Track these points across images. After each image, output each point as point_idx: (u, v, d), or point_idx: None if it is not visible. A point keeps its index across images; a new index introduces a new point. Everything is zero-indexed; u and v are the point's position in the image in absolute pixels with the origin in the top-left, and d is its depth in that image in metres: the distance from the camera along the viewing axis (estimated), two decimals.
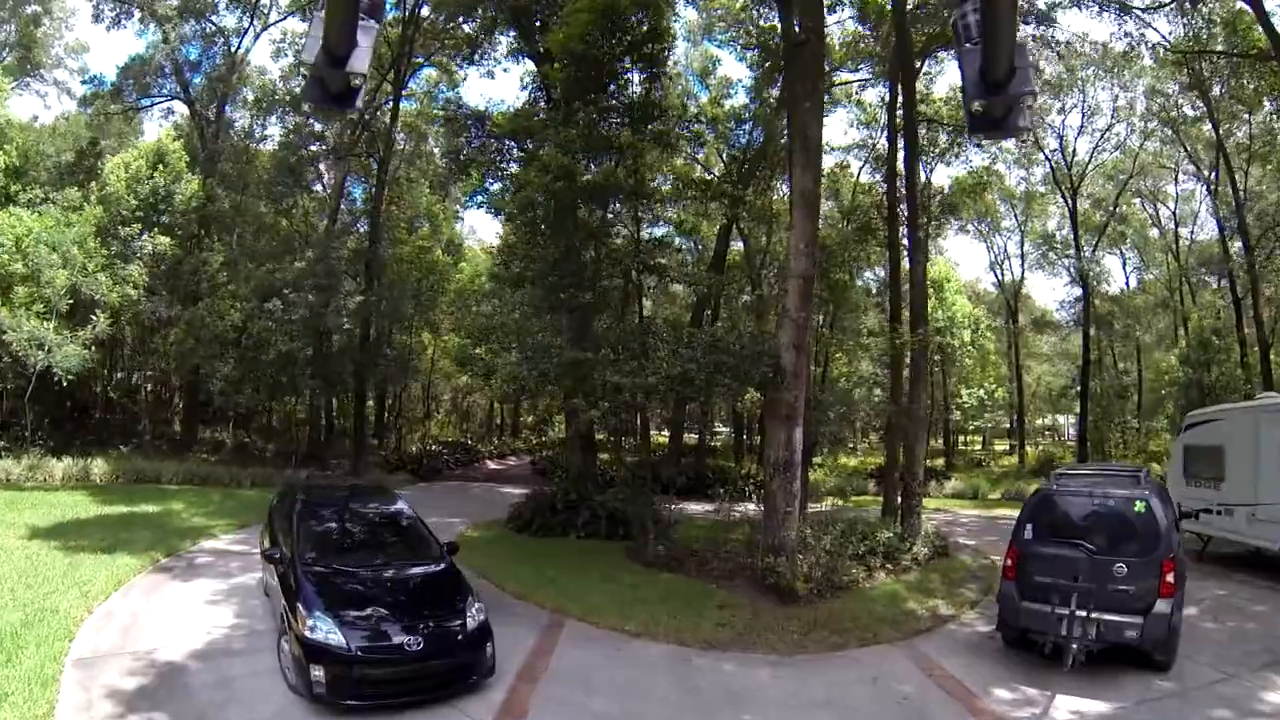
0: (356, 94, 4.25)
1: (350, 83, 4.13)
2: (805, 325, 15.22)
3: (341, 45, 3.96)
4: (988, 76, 4.05)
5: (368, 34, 4.07)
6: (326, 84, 4.17)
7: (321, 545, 10.32)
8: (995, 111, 4.18)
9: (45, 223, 24.83)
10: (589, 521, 19.35)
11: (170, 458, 27.65)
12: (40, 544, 15.36)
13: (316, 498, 11.99)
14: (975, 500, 32.61)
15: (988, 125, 4.28)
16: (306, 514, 10.90)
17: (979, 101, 4.13)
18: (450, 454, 37.79)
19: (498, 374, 17.33)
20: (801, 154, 15.28)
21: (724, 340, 15.93)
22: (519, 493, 24.28)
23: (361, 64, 4.10)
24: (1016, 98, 4.11)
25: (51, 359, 23.28)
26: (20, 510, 18.82)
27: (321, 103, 4.40)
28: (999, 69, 3.99)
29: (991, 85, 4.07)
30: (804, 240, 15.01)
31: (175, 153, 29.29)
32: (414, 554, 10.78)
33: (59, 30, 38.98)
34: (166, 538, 16.70)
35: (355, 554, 10.35)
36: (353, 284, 32.47)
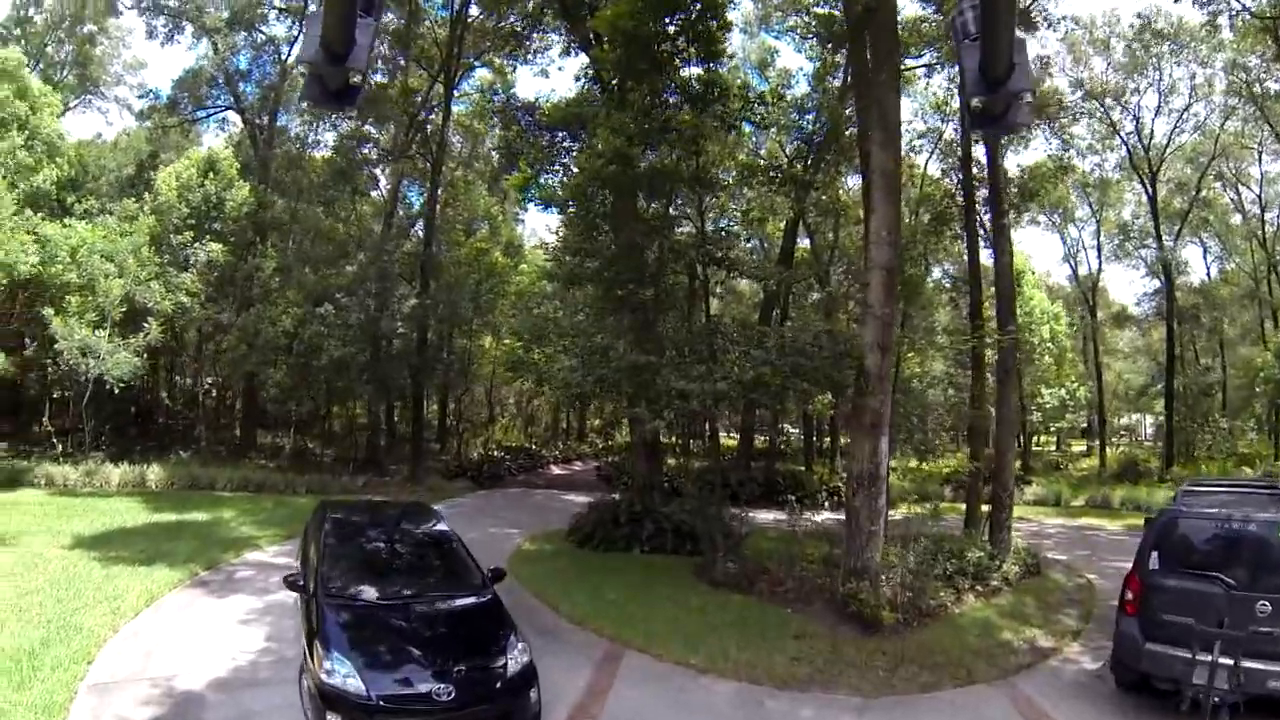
0: (356, 92, 4.15)
1: (349, 80, 4.04)
2: (890, 322, 13.70)
3: (340, 43, 3.89)
4: (987, 73, 4.02)
5: (366, 32, 3.98)
6: (325, 82, 4.09)
7: (347, 573, 9.23)
8: (995, 108, 4.16)
9: (97, 233, 25.00)
10: (654, 535, 17.99)
11: (227, 464, 27.50)
12: (81, 554, 15.06)
13: (346, 517, 10.89)
14: (1057, 508, 30.39)
15: (987, 121, 4.29)
16: (333, 536, 9.84)
17: (978, 98, 4.12)
18: (513, 459, 36.85)
19: (551, 380, 16.18)
20: (879, 130, 13.73)
21: (801, 340, 14.45)
22: (582, 500, 23.32)
23: (360, 62, 4.01)
24: (1016, 94, 4.08)
25: (102, 367, 23.34)
26: (70, 518, 18.70)
27: (321, 101, 4.26)
28: (998, 66, 3.96)
29: (991, 82, 4.04)
30: (886, 227, 13.45)
31: (226, 160, 29.51)
32: (452, 583, 9.60)
33: (116, 49, 40.07)
34: (209, 549, 16.15)
35: (385, 583, 9.19)
36: (408, 287, 32.06)
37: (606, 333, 16.99)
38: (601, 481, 32.90)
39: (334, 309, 28.07)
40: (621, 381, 15.06)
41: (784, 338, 15.01)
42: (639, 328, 17.79)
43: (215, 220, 28.50)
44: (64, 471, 23.68)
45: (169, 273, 26.26)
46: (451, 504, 25.24)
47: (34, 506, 20.03)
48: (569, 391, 16.14)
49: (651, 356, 14.75)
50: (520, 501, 27.30)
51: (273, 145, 34.72)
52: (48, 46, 37.20)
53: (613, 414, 40.89)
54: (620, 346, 15.54)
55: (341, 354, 26.56)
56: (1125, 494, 31.06)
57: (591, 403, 36.96)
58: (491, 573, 9.88)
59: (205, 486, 24.79)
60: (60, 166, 25.28)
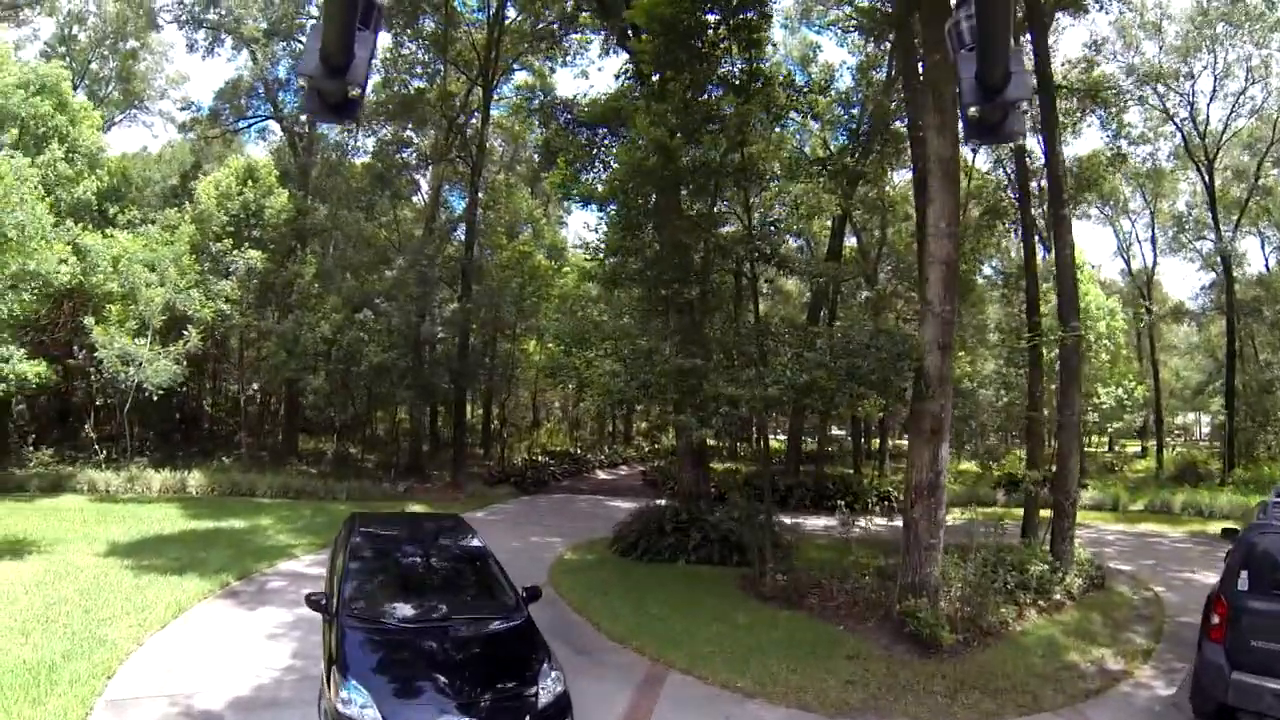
0: (355, 105, 4.17)
1: (349, 93, 4.05)
2: (951, 321, 12.73)
3: (339, 56, 3.89)
4: (984, 82, 4.05)
5: (365, 45, 3.98)
6: (324, 95, 4.10)
7: (371, 594, 8.63)
8: (992, 117, 4.20)
9: (138, 243, 25.30)
10: (700, 545, 17.27)
11: (269, 469, 27.44)
12: (114, 562, 14.97)
13: (374, 531, 10.24)
14: (1115, 513, 29.06)
15: (984, 130, 4.32)
16: (359, 552, 9.24)
17: (975, 107, 4.14)
18: (557, 464, 36.39)
19: (593, 385, 15.29)
20: (934, 114, 12.84)
21: (855, 341, 13.62)
22: (627, 506, 22.68)
23: (359, 75, 4.02)
24: (1012, 103, 4.11)
25: (141, 374, 23.51)
26: (107, 524, 18.72)
27: (320, 113, 4.26)
28: (994, 75, 4.00)
29: (988, 91, 4.07)
30: (944, 218, 12.56)
31: (264, 168, 29.66)
32: (483, 604, 8.96)
33: (159, 64, 40.73)
34: (243, 558, 15.90)
35: (412, 605, 8.56)
36: (449, 292, 31.61)
37: (651, 335, 16.09)
38: (647, 487, 32.33)
39: (374, 315, 27.85)
40: (667, 387, 14.24)
41: (836, 338, 14.25)
42: (684, 330, 17.10)
43: (255, 228, 28.59)
44: (106, 477, 23.92)
45: (209, 280, 26.36)
46: (493, 510, 25.06)
47: (74, 512, 20.09)
48: (610, 398, 15.07)
49: (698, 360, 13.99)
50: (564, 508, 26.75)
51: (312, 153, 34.90)
52: (92, 63, 37.86)
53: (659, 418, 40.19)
54: (665, 349, 14.80)
55: (381, 360, 26.30)
56: (1186, 498, 29.72)
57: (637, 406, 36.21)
58: (526, 592, 9.16)
59: (245, 493, 24.79)
60: (100, 178, 25.45)
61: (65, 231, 23.05)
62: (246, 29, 32.75)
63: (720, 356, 14.90)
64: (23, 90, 23.28)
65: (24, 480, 23.42)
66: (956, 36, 4.15)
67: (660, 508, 18.83)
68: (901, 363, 12.66)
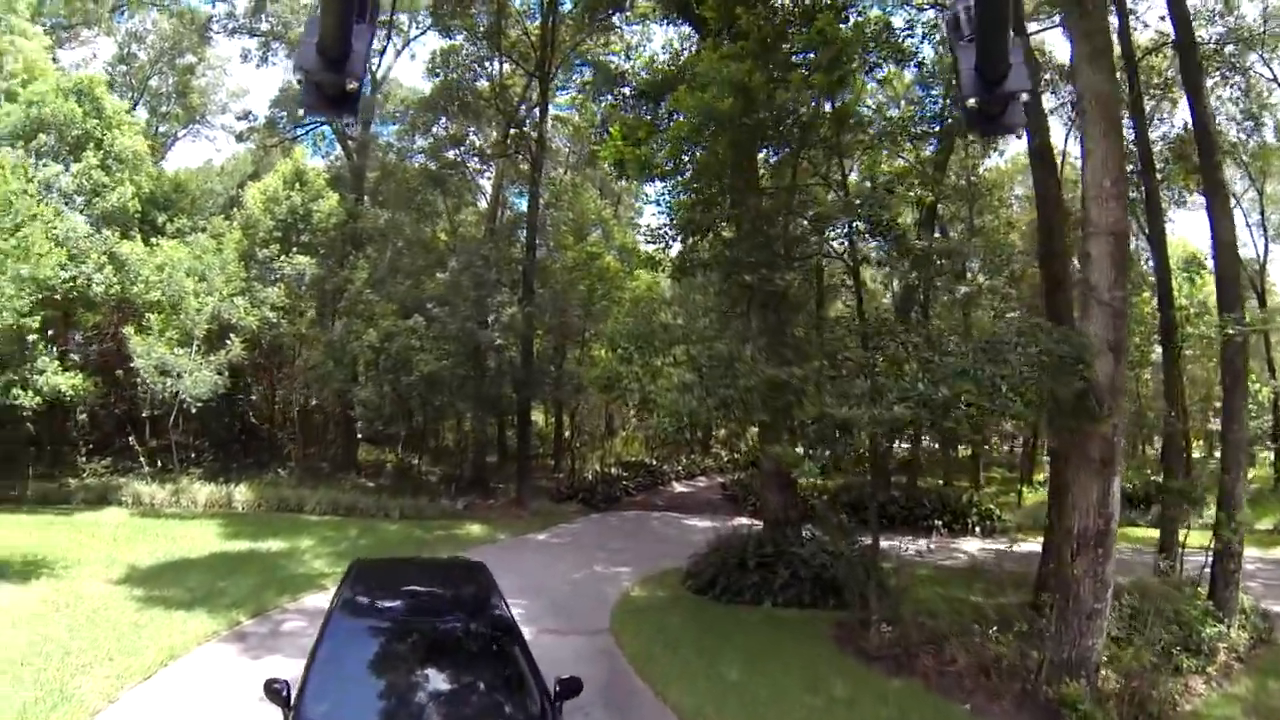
0: (354, 99, 3.97)
1: (347, 87, 3.87)
2: (1123, 312, 9.95)
3: (336, 49, 3.75)
4: (984, 73, 3.89)
5: (361, 38, 3.80)
6: (323, 89, 3.91)
7: (344, 692, 6.37)
8: (992, 109, 4.02)
9: (181, 251, 24.64)
10: (788, 584, 14.58)
11: (323, 483, 26.08)
12: (123, 591, 13.58)
13: (368, 592, 7.82)
14: None
15: (984, 122, 4.12)
16: (341, 624, 7.02)
17: (975, 99, 3.95)
18: (630, 477, 34.04)
19: (659, 403, 12.24)
20: (1084, 43, 10.08)
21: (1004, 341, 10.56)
22: (704, 526, 20.64)
23: (357, 68, 3.83)
24: (1013, 94, 3.95)
25: (180, 385, 22.56)
26: (137, 543, 17.55)
27: (319, 108, 4.10)
28: (995, 67, 3.85)
29: (988, 82, 3.90)
30: (1108, 173, 9.75)
31: (313, 171, 28.86)
32: (498, 709, 6.58)
33: (219, 78, 40.91)
34: (265, 589, 14.22)
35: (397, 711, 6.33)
36: (508, 295, 29.81)
37: (731, 338, 13.28)
38: (727, 502, 29.94)
39: (425, 320, 26.19)
40: (754, 405, 11.51)
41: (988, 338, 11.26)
42: (770, 330, 14.47)
43: (303, 232, 27.61)
44: (152, 491, 22.93)
45: (254, 287, 25.41)
46: (557, 531, 23.12)
47: (109, 529, 19.00)
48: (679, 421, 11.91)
49: (794, 368, 11.28)
50: (635, 528, 24.47)
51: (366, 155, 34.04)
52: (151, 79, 38.19)
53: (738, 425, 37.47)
54: (748, 354, 12.12)
55: (434, 369, 24.49)
56: None
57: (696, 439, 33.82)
58: (559, 688, 6.64)
59: (293, 509, 23.37)
60: (138, 184, 24.66)
61: (101, 240, 22.44)
62: (293, 34, 31.81)
63: (823, 364, 11.90)
64: (59, 97, 22.64)
65: (73, 492, 22.63)
66: (955, 27, 4.01)
67: (742, 536, 16.18)
68: (1064, 370, 9.65)
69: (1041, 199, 16.00)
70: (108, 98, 24.53)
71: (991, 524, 23.89)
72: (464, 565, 9.90)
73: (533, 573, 16.74)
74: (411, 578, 8.77)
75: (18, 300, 15.11)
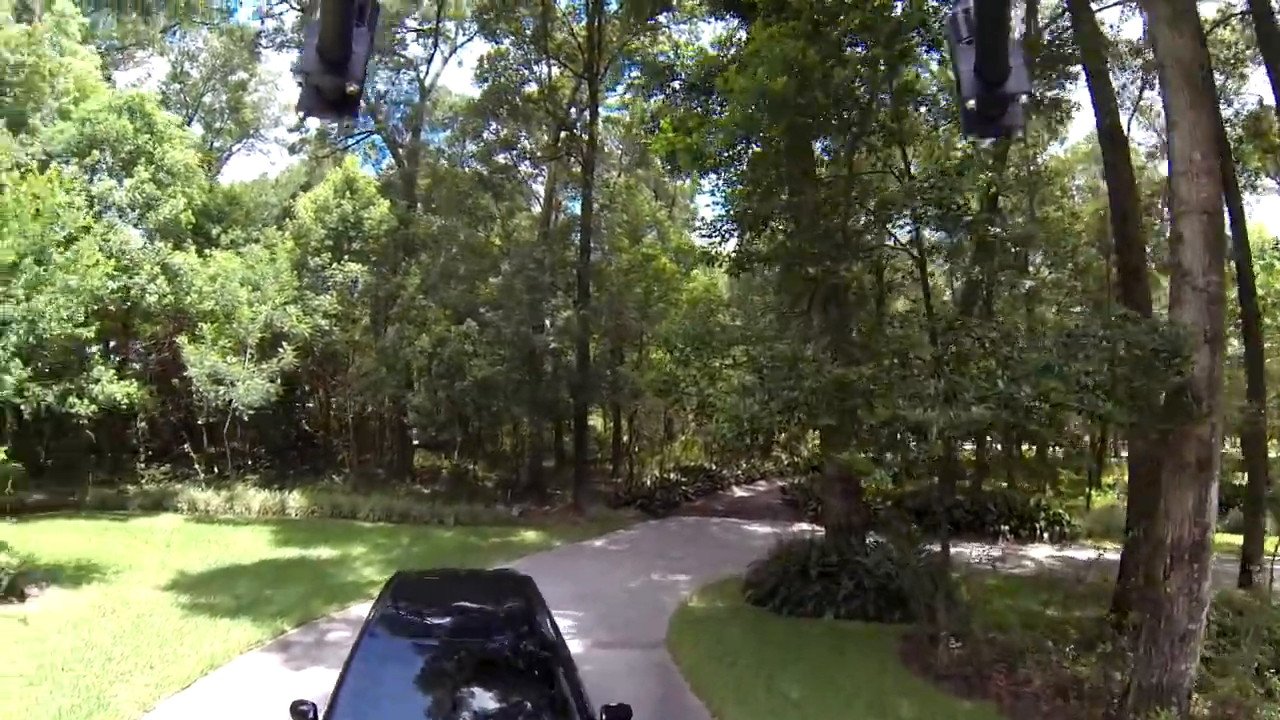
0: (354, 102, 3.99)
1: (347, 90, 3.86)
2: (1220, 298, 8.95)
3: (336, 52, 3.78)
4: (983, 75, 3.84)
5: (361, 41, 3.81)
6: (322, 92, 3.90)
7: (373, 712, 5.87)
8: (991, 110, 3.94)
9: (234, 262, 24.96)
10: (852, 595, 13.76)
11: (376, 490, 25.97)
12: (170, 597, 13.55)
13: (406, 607, 7.29)
14: None
15: (983, 123, 4.03)
16: (373, 645, 6.52)
17: (974, 100, 3.90)
18: (690, 482, 33.41)
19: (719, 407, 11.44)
20: (1163, 4, 9.20)
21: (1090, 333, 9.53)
22: (765, 531, 20.16)
23: (356, 71, 3.82)
24: (1013, 96, 3.90)
25: (233, 393, 22.74)
26: (187, 549, 17.62)
27: (318, 110, 4.00)
28: (994, 68, 3.81)
29: (987, 84, 3.85)
30: (1199, 147, 8.77)
31: (363, 179, 28.87)
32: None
33: (270, 93, 41.71)
34: (313, 597, 14.03)
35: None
36: (563, 298, 29.53)
37: (792, 338, 12.50)
38: (787, 507, 29.14)
39: (478, 325, 25.99)
40: (818, 407, 10.75)
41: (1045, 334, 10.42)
42: (833, 327, 13.71)
43: (354, 240, 27.62)
44: (207, 497, 23.17)
45: (306, 296, 25.51)
46: (615, 538, 22.60)
47: (163, 534, 19.13)
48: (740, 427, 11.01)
49: (862, 368, 10.51)
50: (695, 534, 23.86)
51: (417, 162, 34.15)
52: (205, 96, 39.18)
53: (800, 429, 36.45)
54: (810, 354, 11.25)
55: (488, 374, 24.23)
56: None
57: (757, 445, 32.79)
58: (606, 716, 6.03)
59: (347, 515, 23.28)
60: (190, 195, 25.00)
61: (154, 252, 22.84)
62: None
63: (892, 362, 11.17)
64: (111, 114, 23.01)
65: (130, 498, 22.93)
66: (954, 30, 3.95)
67: (805, 544, 15.38)
68: (1159, 364, 8.66)
69: (1114, 183, 14.87)
70: (158, 113, 24.92)
71: (1061, 529, 22.71)
72: (510, 579, 9.33)
73: (588, 581, 16.29)
74: (453, 593, 8.27)
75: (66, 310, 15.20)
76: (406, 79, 34.61)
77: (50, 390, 19.41)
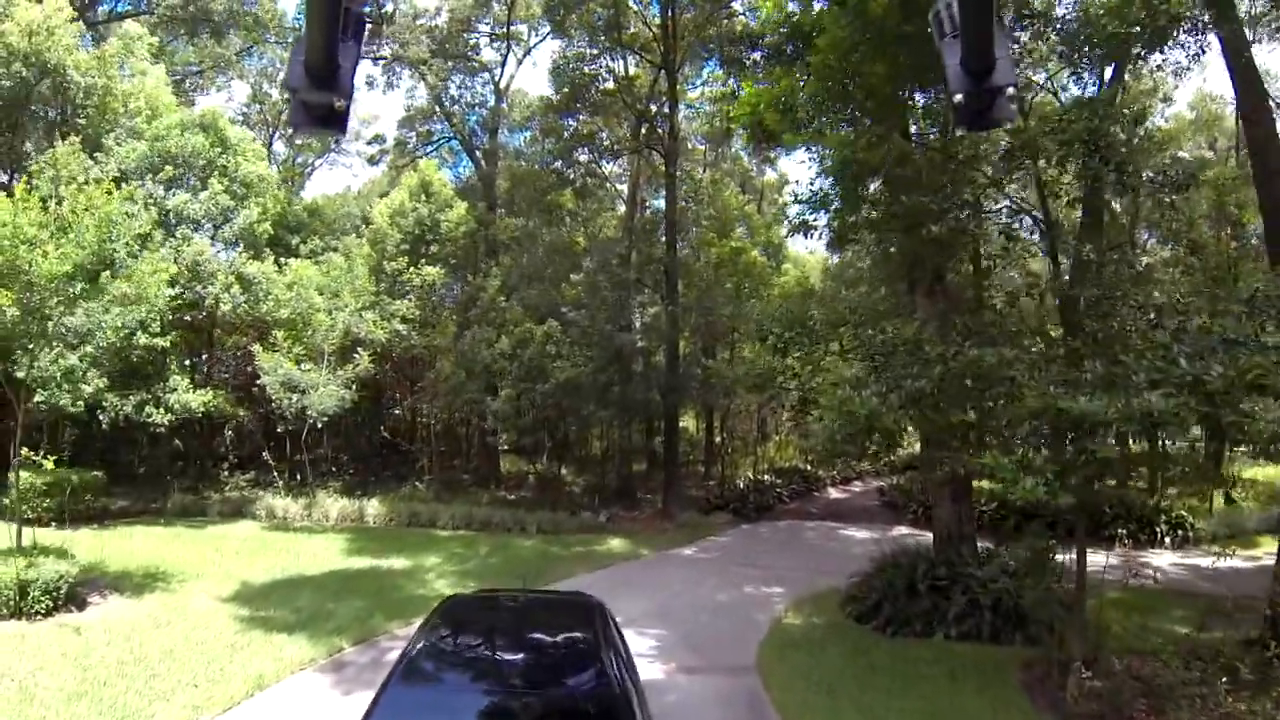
0: (343, 118, 3.84)
1: (335, 105, 3.75)
2: None
3: (323, 67, 3.68)
4: (969, 68, 3.73)
5: (348, 56, 3.72)
6: (310, 108, 3.81)
7: None
8: (978, 104, 3.82)
9: (309, 270, 25.06)
10: (965, 613, 12.02)
11: (459, 497, 25.38)
12: (230, 609, 12.98)
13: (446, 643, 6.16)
14: None
15: (971, 117, 3.91)
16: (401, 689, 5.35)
17: (961, 94, 3.79)
18: (784, 484, 31.79)
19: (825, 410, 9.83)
20: None
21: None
22: (862, 537, 18.77)
23: (344, 86, 3.74)
24: (999, 89, 3.78)
25: (307, 400, 22.42)
26: (258, 557, 17.24)
27: (306, 126, 3.83)
28: (979, 61, 3.70)
29: (973, 77, 3.74)
30: None
31: (439, 181, 28.60)
32: None
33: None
34: (376, 612, 13.15)
35: None
36: (650, 295, 28.33)
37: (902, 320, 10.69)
38: (885, 509, 27.40)
39: (560, 325, 25.13)
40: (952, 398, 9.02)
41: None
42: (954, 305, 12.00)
43: (432, 243, 27.15)
44: (285, 504, 22.91)
45: (383, 301, 25.21)
46: (704, 545, 21.25)
47: (236, 541, 18.93)
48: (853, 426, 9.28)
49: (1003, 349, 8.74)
50: (789, 540, 22.30)
51: (495, 164, 33.79)
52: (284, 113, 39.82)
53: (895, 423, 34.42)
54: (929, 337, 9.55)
55: (571, 375, 23.25)
56: None
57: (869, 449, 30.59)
58: None
59: (426, 523, 22.61)
60: (265, 206, 25.09)
61: (228, 262, 22.99)
62: (411, 52, 32.07)
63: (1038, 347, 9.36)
64: (182, 131, 23.30)
65: (210, 505, 22.90)
66: (939, 23, 3.82)
67: (910, 554, 13.58)
68: None
69: (1254, 139, 13.02)
70: (230, 128, 25.12)
71: (1184, 534, 20.43)
72: (578, 606, 7.85)
73: (675, 594, 15.09)
74: (508, 623, 7.08)
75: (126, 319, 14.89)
76: (480, 82, 34.48)
77: (128, 400, 19.74)
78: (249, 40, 36.77)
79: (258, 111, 38.50)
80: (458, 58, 32.75)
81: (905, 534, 22.62)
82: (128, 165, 22.12)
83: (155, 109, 23.52)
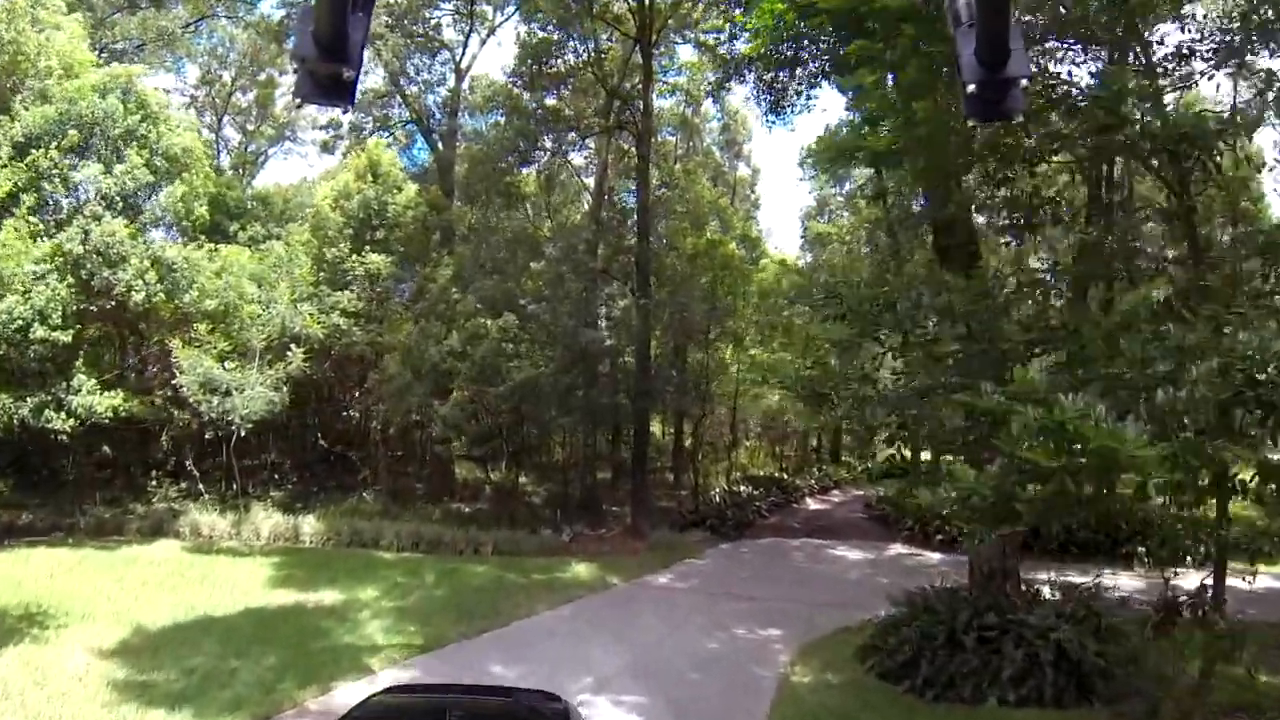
0: (351, 89, 3.72)
1: (343, 76, 3.63)
2: None
3: (332, 38, 3.52)
4: (983, 59, 3.61)
5: (358, 27, 3.59)
6: (317, 79, 3.69)
7: None
8: (991, 94, 3.73)
9: (241, 255, 23.00)
10: (1024, 673, 9.82)
11: (408, 511, 23.12)
12: (106, 668, 10.56)
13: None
14: None
15: (984, 107, 3.82)
16: None
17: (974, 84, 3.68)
18: (761, 494, 29.74)
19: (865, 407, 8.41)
20: None
21: None
22: (856, 558, 17.61)
23: (353, 58, 3.60)
24: (1013, 80, 3.71)
25: (229, 403, 19.94)
26: (161, 591, 14.71)
27: (314, 97, 3.82)
28: (994, 52, 3.58)
29: (987, 68, 3.62)
30: None
31: (388, 160, 26.34)
32: None
33: None
34: (285, 673, 10.78)
35: None
36: (618, 287, 26.14)
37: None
38: (874, 524, 25.77)
39: (519, 320, 22.94)
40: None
41: None
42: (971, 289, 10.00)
43: (378, 228, 24.75)
44: (212, 521, 20.47)
45: (323, 291, 22.87)
46: (682, 570, 19.19)
47: (147, 568, 16.49)
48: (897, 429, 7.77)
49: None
50: (775, 562, 20.37)
51: (452, 148, 31.48)
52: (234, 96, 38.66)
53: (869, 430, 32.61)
54: None
55: (529, 376, 21.09)
56: None
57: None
58: None
59: (369, 543, 20.21)
60: (191, 184, 22.40)
61: (144, 245, 20.18)
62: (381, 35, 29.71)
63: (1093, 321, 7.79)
64: (103, 95, 20.49)
65: (129, 522, 20.45)
66: (954, 14, 3.76)
67: (948, 598, 11.25)
68: None
69: None
70: (151, 94, 22.29)
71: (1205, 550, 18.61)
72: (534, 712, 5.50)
73: (655, 641, 13.04)
74: None
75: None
76: (440, 61, 32.43)
77: (24, 403, 17.31)
78: (195, 14, 33.93)
79: (206, 95, 36.45)
80: (417, 36, 30.61)
81: (904, 554, 20.71)
82: (33, 131, 19.40)
83: (69, 68, 20.74)
